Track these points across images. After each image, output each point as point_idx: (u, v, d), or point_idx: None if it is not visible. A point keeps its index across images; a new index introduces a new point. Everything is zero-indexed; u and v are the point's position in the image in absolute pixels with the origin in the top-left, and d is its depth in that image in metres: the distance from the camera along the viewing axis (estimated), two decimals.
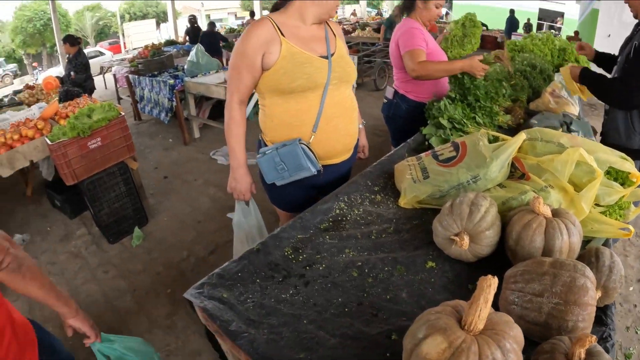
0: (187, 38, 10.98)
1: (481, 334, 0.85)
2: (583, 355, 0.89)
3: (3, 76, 27.64)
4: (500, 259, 1.33)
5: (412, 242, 1.47)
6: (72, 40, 6.74)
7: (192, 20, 10.82)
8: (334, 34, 2.01)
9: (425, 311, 0.94)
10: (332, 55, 1.91)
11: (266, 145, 2.00)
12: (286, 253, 1.43)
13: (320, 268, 1.35)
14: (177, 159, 5.74)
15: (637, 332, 2.69)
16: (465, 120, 2.30)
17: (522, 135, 1.65)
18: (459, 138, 1.83)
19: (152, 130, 7.01)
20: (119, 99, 8.65)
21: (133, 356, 1.74)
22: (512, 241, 1.31)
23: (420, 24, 2.85)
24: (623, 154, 1.68)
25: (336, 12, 1.94)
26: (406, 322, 1.11)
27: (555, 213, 1.34)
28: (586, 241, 1.51)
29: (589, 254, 1.27)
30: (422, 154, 1.84)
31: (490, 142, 1.70)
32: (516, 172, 1.67)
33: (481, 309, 0.84)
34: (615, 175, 1.66)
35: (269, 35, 1.80)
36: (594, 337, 0.87)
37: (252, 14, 15.55)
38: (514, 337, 0.86)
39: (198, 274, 3.19)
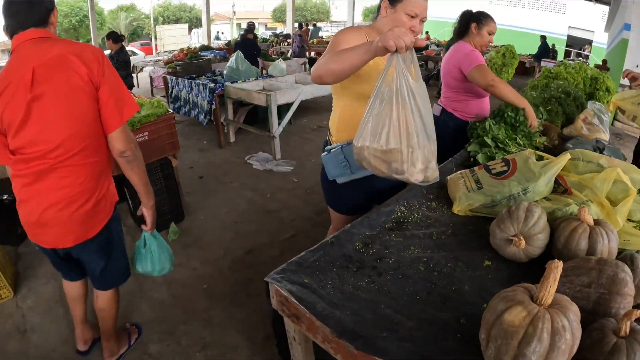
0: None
1: (550, 308, 1.02)
2: (628, 329, 1.05)
3: None
4: (547, 261, 1.47)
5: (470, 243, 1.64)
6: (115, 37, 7.01)
7: (252, 27, 11.00)
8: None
9: (500, 291, 1.11)
10: None
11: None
12: (357, 247, 1.60)
13: (390, 261, 1.51)
14: (213, 161, 5.90)
15: None
16: (507, 140, 2.45)
17: (567, 155, 1.83)
18: (508, 155, 2.01)
19: (186, 131, 7.20)
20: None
21: (157, 253, 2.31)
22: (560, 244, 1.47)
23: (473, 48, 3.04)
24: None
25: None
26: (471, 310, 1.27)
27: (597, 222, 1.50)
28: (619, 252, 1.63)
29: (625, 258, 1.41)
30: (475, 167, 2.01)
31: (537, 160, 1.87)
32: (559, 188, 1.84)
33: (551, 286, 1.02)
34: None
35: (360, 41, 1.91)
36: (639, 310, 1.02)
37: (301, 25, 15.83)
38: (575, 312, 1.03)
39: (235, 272, 3.33)
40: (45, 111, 1.67)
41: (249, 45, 9.00)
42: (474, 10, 3.13)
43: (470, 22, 3.04)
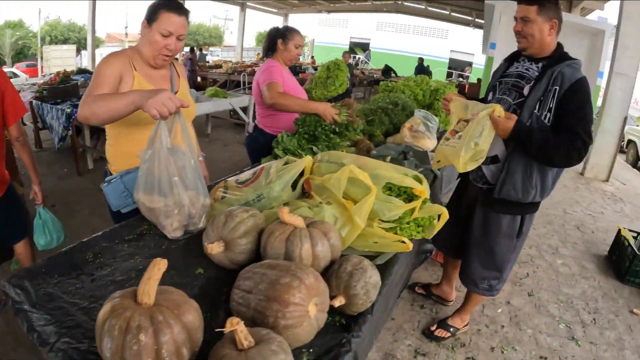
0: None
1: (152, 307, 1.02)
2: (244, 341, 0.99)
3: None
4: None
5: (195, 252, 1.68)
6: None
7: None
8: (178, 75, 2.22)
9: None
10: (176, 93, 2.12)
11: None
12: (87, 257, 1.62)
13: (109, 269, 1.56)
14: (68, 189, 5.75)
15: (502, 352, 2.90)
16: (299, 151, 2.51)
17: (307, 158, 1.88)
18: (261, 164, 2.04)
19: (50, 159, 6.93)
20: (23, 124, 8.43)
21: (51, 223, 2.98)
22: (262, 249, 1.47)
23: (281, 63, 3.14)
24: (409, 171, 1.83)
25: (166, 59, 2.05)
26: None
27: (311, 224, 1.48)
28: (375, 257, 1.70)
29: (338, 262, 1.43)
30: (229, 178, 2.05)
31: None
32: (307, 193, 1.86)
33: (145, 284, 1.04)
34: (398, 192, 1.78)
35: (123, 66, 1.95)
36: (236, 319, 0.99)
37: (192, 49, 15.50)
38: (180, 315, 1.02)
39: None
40: None
41: None
42: (280, 27, 3.23)
43: (277, 39, 3.14)
